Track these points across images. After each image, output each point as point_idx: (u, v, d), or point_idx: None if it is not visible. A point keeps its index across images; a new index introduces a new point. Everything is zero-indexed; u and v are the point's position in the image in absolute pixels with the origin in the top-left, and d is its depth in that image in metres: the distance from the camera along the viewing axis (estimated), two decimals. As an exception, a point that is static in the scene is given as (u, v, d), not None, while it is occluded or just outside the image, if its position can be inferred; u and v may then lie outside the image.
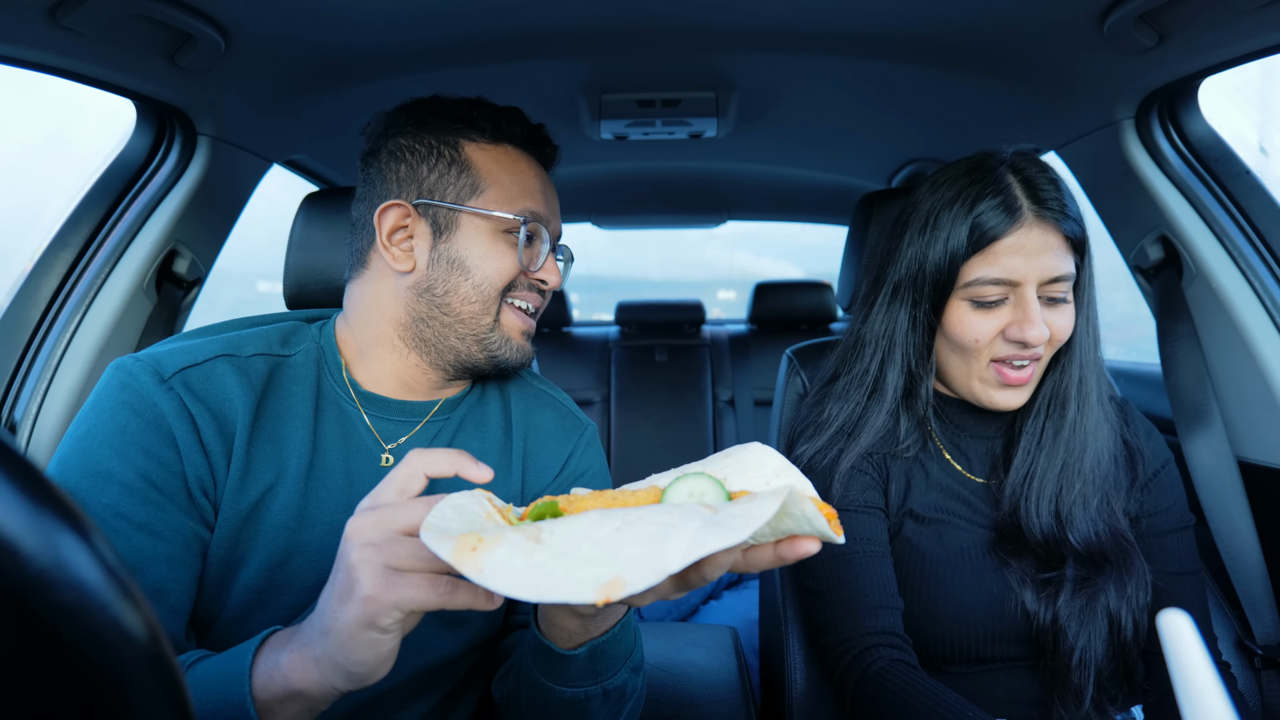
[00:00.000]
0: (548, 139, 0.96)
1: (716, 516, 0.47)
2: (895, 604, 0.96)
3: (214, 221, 1.48)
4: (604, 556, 0.43)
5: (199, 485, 0.77)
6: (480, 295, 0.88)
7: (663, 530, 0.45)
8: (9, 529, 0.24)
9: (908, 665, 0.91)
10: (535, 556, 0.44)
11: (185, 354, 0.81)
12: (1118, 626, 0.92)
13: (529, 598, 0.42)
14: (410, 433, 0.91)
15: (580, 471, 0.99)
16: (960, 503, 1.01)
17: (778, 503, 0.47)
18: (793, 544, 0.53)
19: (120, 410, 0.75)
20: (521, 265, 0.89)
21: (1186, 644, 0.45)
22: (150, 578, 0.73)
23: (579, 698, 0.73)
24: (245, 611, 0.79)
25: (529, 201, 0.89)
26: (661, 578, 0.42)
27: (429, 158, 0.89)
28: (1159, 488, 1.02)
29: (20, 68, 1.01)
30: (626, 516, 0.47)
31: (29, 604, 0.25)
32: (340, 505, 0.85)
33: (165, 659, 0.29)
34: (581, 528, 0.46)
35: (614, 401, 3.05)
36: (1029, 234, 0.90)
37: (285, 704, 0.59)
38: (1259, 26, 0.98)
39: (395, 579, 0.53)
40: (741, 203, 2.76)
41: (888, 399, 1.01)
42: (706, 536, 0.44)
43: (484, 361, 0.91)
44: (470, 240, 0.88)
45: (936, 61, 1.29)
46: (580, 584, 0.42)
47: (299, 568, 0.81)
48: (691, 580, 0.54)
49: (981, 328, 0.93)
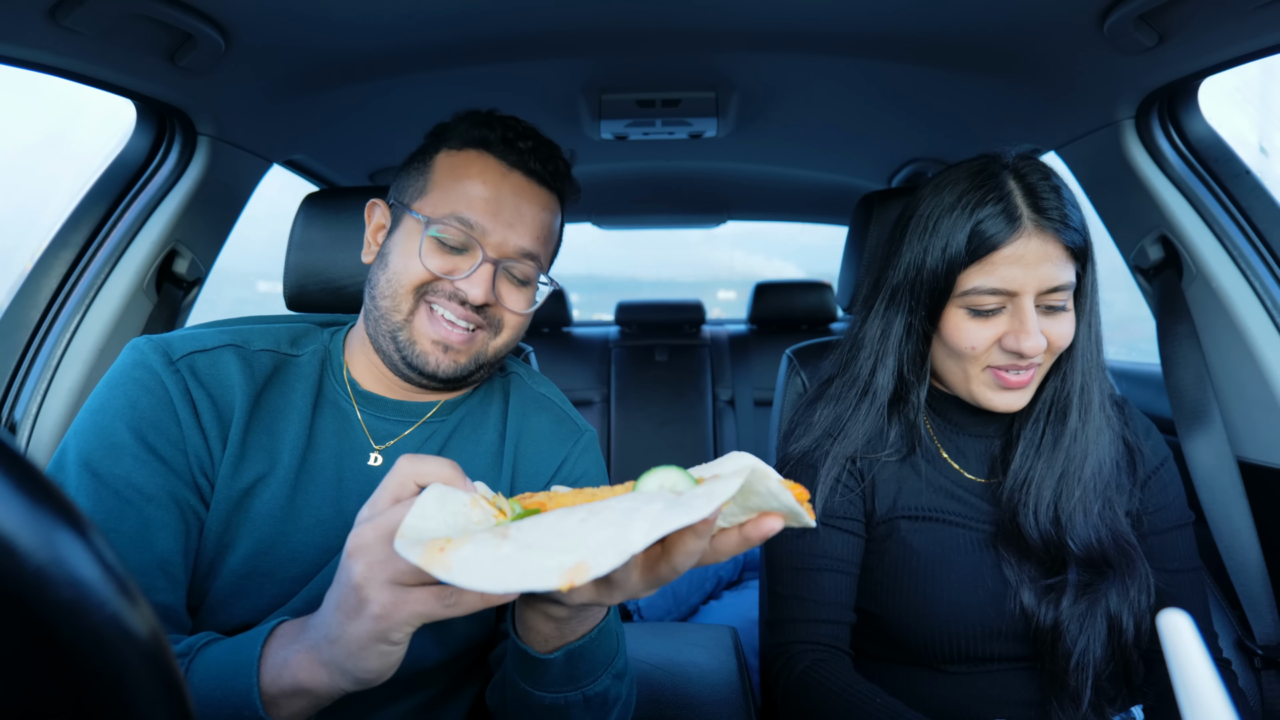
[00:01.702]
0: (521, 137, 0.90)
1: (680, 499, 0.48)
2: (844, 618, 1.00)
3: (214, 221, 1.48)
4: (569, 544, 0.44)
5: (198, 465, 0.80)
6: (391, 290, 0.87)
7: (626, 515, 0.46)
8: (6, 526, 0.24)
9: (829, 665, 0.94)
10: (501, 549, 0.44)
11: (196, 340, 0.85)
12: (1118, 629, 0.92)
13: (495, 589, 0.42)
14: (403, 434, 0.91)
15: (575, 478, 0.97)
16: (957, 501, 1.01)
17: (740, 480, 0.49)
18: (757, 523, 0.53)
19: (132, 386, 0.79)
20: (424, 265, 0.85)
21: (1186, 643, 0.45)
22: (159, 548, 0.75)
23: (559, 704, 0.72)
24: (229, 596, 0.81)
25: (462, 207, 0.85)
26: (625, 558, 0.43)
27: (415, 163, 0.93)
28: (1158, 485, 1.01)
29: (20, 68, 1.02)
30: (593, 508, 0.48)
31: (26, 601, 0.25)
32: (328, 500, 0.86)
33: (164, 657, 0.28)
34: (548, 521, 0.47)
35: (614, 401, 3.05)
36: (1028, 244, 0.89)
37: (292, 699, 0.60)
38: (1259, 26, 0.98)
39: (403, 596, 0.53)
40: (741, 203, 2.76)
41: (877, 403, 1.01)
42: (669, 515, 0.45)
43: (403, 364, 0.88)
44: (400, 237, 0.89)
45: (937, 61, 1.29)
46: (545, 571, 0.42)
47: (282, 557, 0.83)
48: (662, 572, 0.54)
49: (978, 336, 0.93)
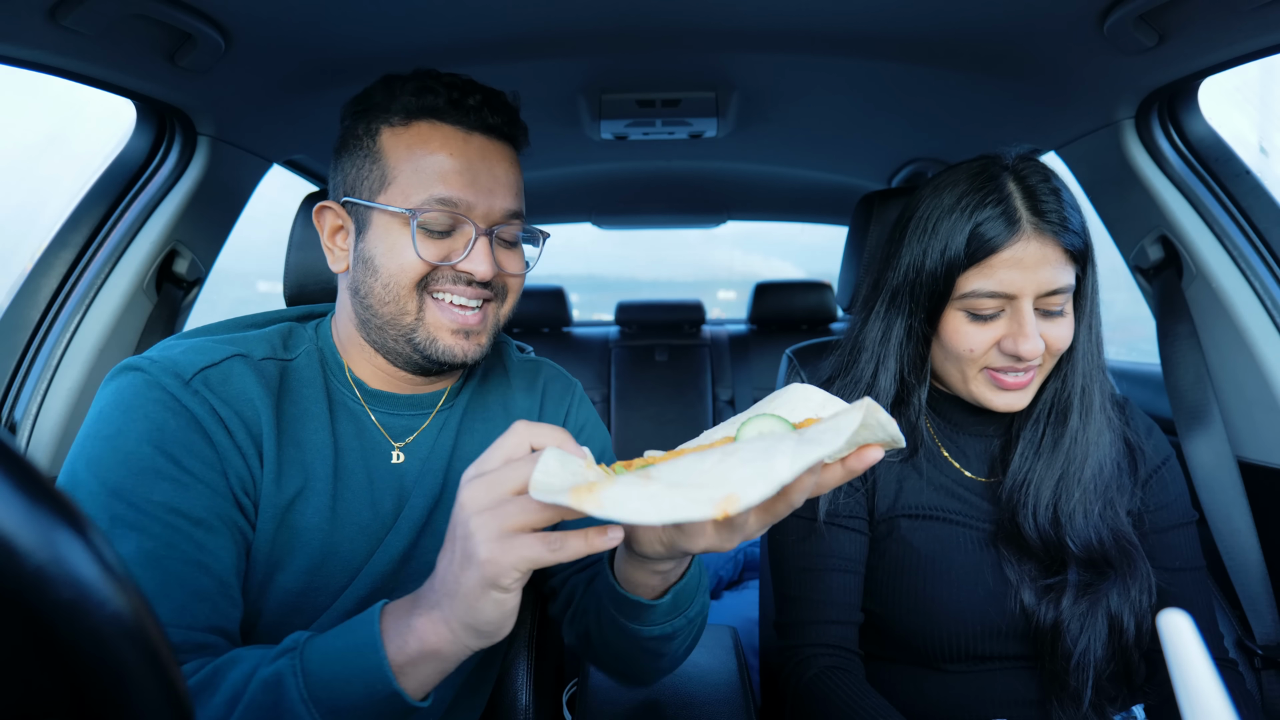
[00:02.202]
0: (473, 99, 0.83)
1: (806, 434, 0.50)
2: (853, 618, 1.00)
3: (214, 221, 1.48)
4: (714, 480, 0.47)
5: (240, 485, 0.76)
6: (391, 295, 0.82)
7: (764, 453, 0.48)
8: (6, 526, 0.24)
9: (842, 673, 0.95)
10: (649, 488, 0.47)
11: (200, 353, 0.78)
12: (1119, 629, 0.92)
13: (651, 520, 0.45)
14: (420, 428, 0.91)
15: (579, 427, 1.02)
16: (957, 500, 1.01)
17: (860, 413, 0.51)
18: (860, 454, 0.55)
19: (154, 408, 0.72)
20: (421, 258, 0.80)
21: (1186, 643, 0.45)
22: (218, 571, 0.72)
23: (665, 633, 0.75)
24: (283, 615, 0.79)
25: (439, 187, 0.80)
26: (776, 487, 0.45)
27: (355, 152, 0.84)
28: (1160, 484, 1.01)
29: (20, 68, 1.02)
30: (724, 450, 0.50)
31: (26, 601, 0.25)
32: (365, 505, 0.84)
33: (163, 655, 0.28)
34: (685, 464, 0.50)
35: (614, 401, 3.05)
36: (1027, 247, 0.89)
37: (420, 665, 0.61)
38: (1259, 26, 0.98)
39: (510, 541, 0.55)
40: (741, 203, 2.76)
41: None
42: (806, 449, 0.48)
43: (424, 361, 0.86)
44: (378, 237, 0.82)
45: (937, 61, 1.29)
46: (697, 503, 0.45)
47: (333, 570, 0.81)
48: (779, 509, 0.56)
49: (977, 339, 0.93)
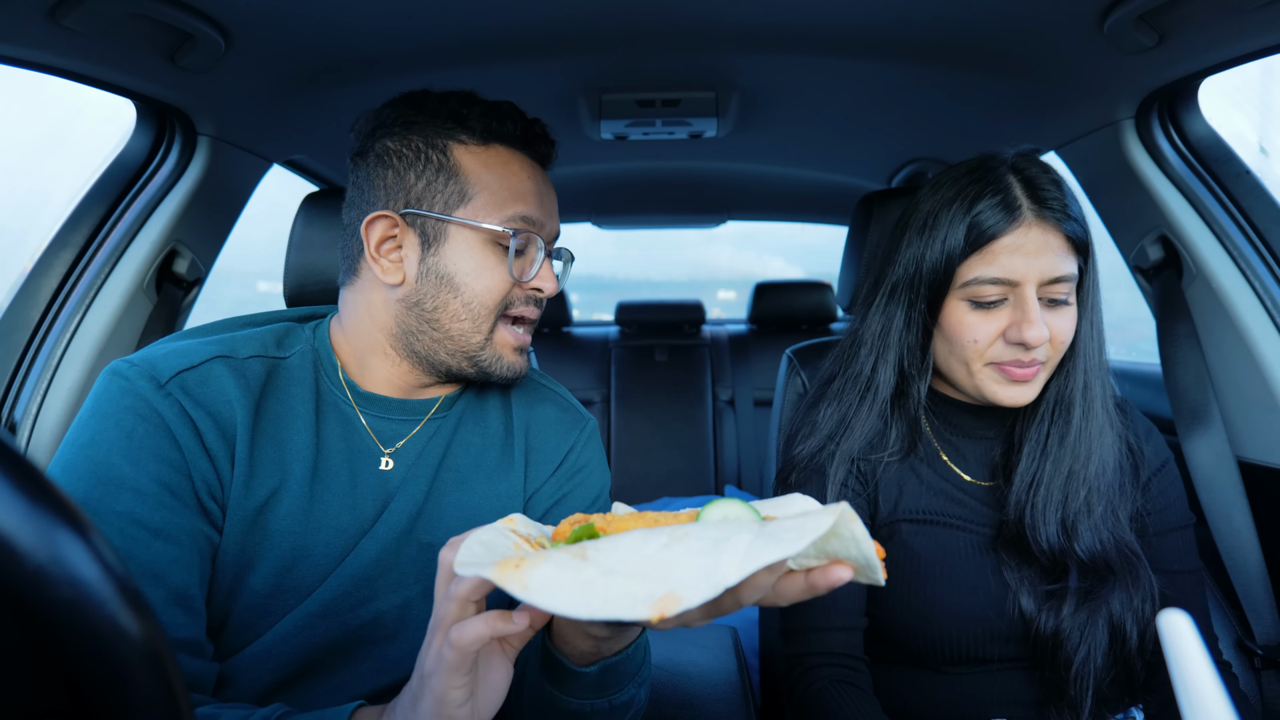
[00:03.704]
0: (543, 135, 0.91)
1: (767, 529, 0.45)
2: (858, 624, 0.99)
3: (214, 221, 1.48)
4: (656, 572, 0.42)
5: (206, 489, 0.76)
6: (470, 313, 0.84)
7: (713, 544, 0.43)
8: (6, 526, 0.24)
9: (847, 685, 0.94)
10: (584, 573, 0.42)
11: (180, 356, 0.79)
12: (1121, 637, 0.91)
13: (580, 615, 0.41)
14: (410, 434, 0.90)
15: (580, 466, 0.98)
16: (956, 504, 1.01)
17: (832, 518, 0.46)
18: (826, 571, 0.51)
19: (124, 416, 0.74)
20: (513, 278, 0.85)
21: (1186, 644, 0.44)
22: (174, 583, 0.72)
23: (584, 710, 0.72)
24: (254, 615, 0.79)
25: (520, 206, 0.85)
26: (719, 591, 0.41)
27: (416, 163, 0.84)
28: (1159, 486, 1.01)
29: (20, 68, 1.02)
30: (673, 533, 0.46)
31: (26, 601, 0.25)
32: (345, 508, 0.84)
33: (163, 656, 0.28)
34: (627, 545, 0.45)
35: (614, 401, 3.05)
36: (1028, 233, 0.89)
37: None
38: (1259, 26, 0.98)
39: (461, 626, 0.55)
40: (741, 203, 2.76)
41: (879, 399, 1.01)
42: (761, 547, 0.43)
43: (474, 375, 0.89)
44: (459, 253, 0.83)
45: (936, 61, 1.29)
46: (634, 600, 0.40)
47: (305, 572, 0.80)
48: (725, 605, 0.52)
49: (981, 329, 0.92)
